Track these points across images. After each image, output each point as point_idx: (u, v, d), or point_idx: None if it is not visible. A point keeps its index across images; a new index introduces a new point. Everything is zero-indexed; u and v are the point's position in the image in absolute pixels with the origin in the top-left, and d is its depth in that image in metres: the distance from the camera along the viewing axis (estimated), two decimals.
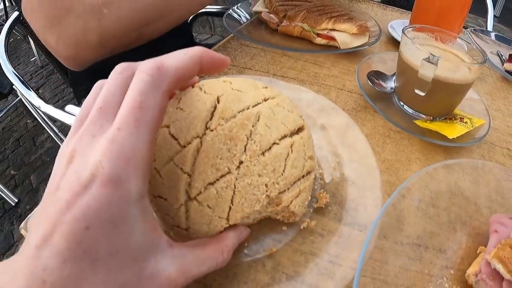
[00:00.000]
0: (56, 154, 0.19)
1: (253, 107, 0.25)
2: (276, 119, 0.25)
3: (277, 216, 0.26)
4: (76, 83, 0.75)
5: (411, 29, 0.44)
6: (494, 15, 3.03)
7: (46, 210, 0.17)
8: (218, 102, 0.24)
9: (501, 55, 0.65)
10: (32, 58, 2.46)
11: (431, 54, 0.36)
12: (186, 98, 0.24)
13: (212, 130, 0.23)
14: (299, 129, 0.26)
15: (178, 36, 0.78)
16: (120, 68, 0.20)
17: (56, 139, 1.73)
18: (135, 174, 0.17)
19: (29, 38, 2.30)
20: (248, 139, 0.24)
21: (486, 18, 1.11)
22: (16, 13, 0.74)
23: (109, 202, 0.17)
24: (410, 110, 0.43)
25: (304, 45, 0.57)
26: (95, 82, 0.22)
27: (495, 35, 0.76)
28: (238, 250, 0.25)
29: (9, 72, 0.66)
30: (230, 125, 0.23)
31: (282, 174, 0.24)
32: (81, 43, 0.41)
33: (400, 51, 0.42)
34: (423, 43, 0.45)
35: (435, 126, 0.41)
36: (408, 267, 0.27)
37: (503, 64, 0.61)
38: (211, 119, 0.23)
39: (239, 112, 0.24)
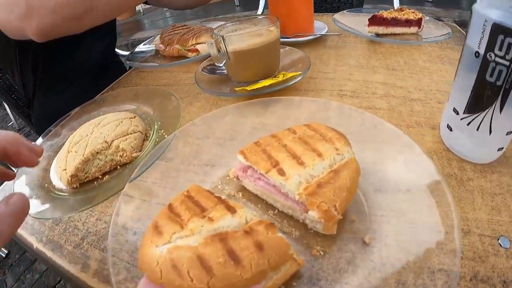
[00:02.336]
0: None
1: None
2: (115, 116, 0.48)
3: (117, 157, 0.44)
4: (39, 129, 0.91)
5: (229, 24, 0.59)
6: (427, 1, 3.29)
7: None
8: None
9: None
10: (10, 122, 2.65)
11: (216, 35, 0.52)
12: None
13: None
14: (131, 118, 0.48)
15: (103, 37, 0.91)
16: None
17: None
18: None
19: (5, 104, 2.48)
20: (99, 123, 0.46)
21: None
22: None
23: None
24: (235, 82, 0.58)
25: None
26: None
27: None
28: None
29: None
30: (93, 122, 0.48)
31: (113, 131, 0.45)
32: (39, 7, 0.51)
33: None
34: (242, 33, 0.58)
35: (247, 88, 0.52)
36: (192, 178, 0.40)
37: None
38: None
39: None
